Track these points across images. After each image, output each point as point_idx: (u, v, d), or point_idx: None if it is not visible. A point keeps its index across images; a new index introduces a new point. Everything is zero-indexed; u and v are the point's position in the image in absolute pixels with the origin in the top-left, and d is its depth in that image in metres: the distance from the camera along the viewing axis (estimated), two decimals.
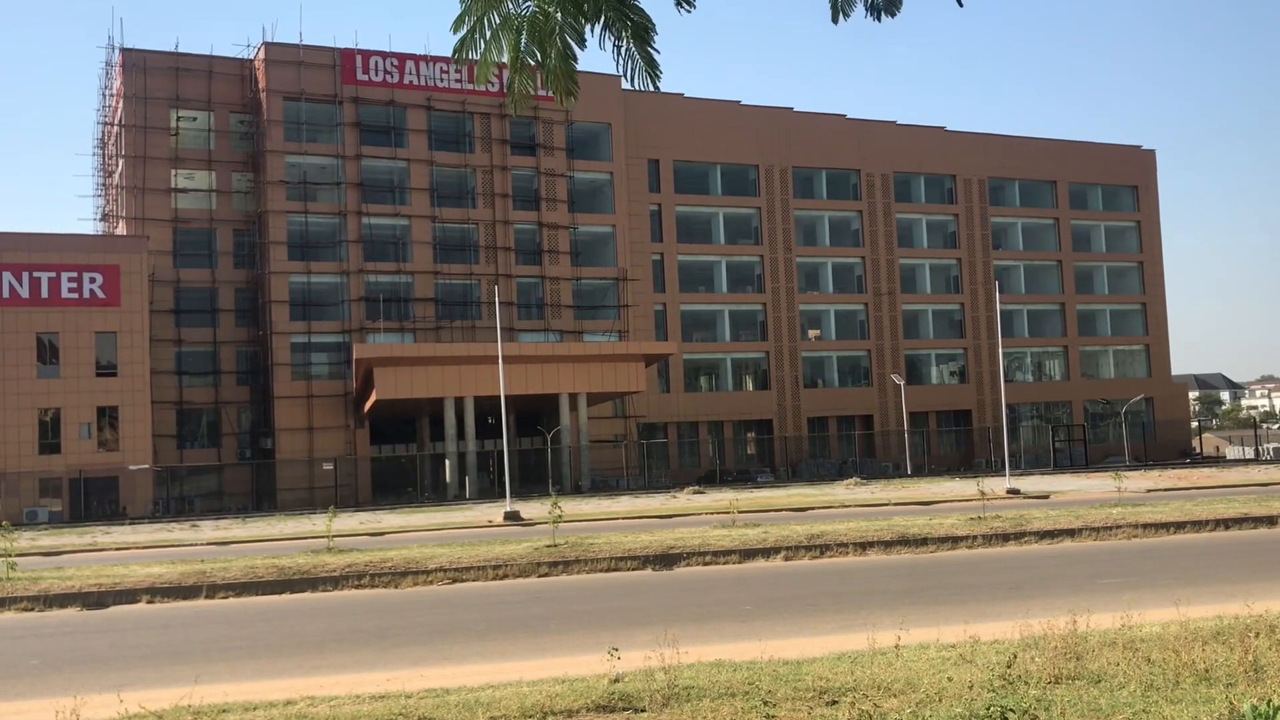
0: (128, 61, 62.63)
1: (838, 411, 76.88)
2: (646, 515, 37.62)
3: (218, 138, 64.43)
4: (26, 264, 55.22)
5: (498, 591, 19.84)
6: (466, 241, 67.65)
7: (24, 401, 54.59)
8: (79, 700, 9.45)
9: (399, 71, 66.17)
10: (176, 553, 30.14)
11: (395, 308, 65.30)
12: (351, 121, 64.94)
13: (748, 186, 76.64)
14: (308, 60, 64.29)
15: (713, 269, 75.67)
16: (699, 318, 75.81)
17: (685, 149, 73.91)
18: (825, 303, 78.11)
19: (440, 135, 67.36)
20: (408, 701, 9.76)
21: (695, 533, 25.30)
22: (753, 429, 75.35)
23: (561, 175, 69.66)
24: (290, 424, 61.73)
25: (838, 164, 78.59)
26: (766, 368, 75.58)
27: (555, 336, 67.63)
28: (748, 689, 9.59)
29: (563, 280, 69.28)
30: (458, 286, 67.26)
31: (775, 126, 76.54)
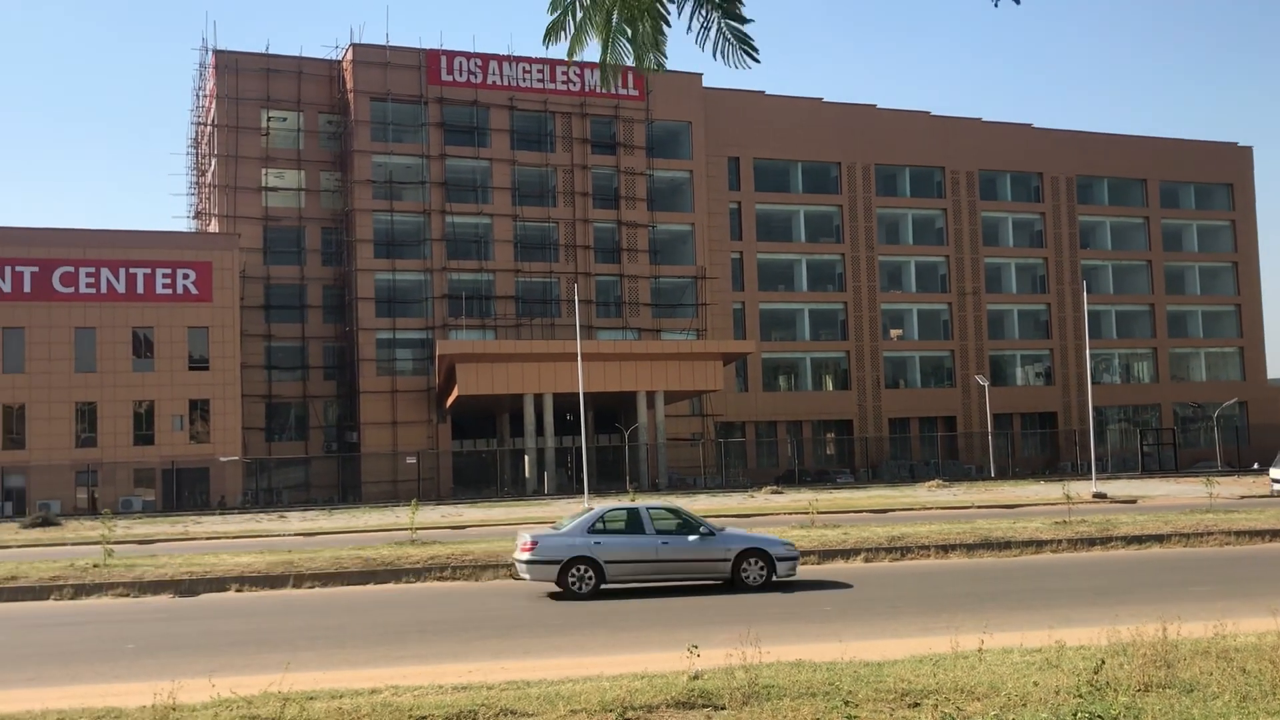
0: (220, 63, 64.28)
1: (919, 412, 75.96)
2: (724, 514, 37.50)
3: (307, 137, 65.83)
4: (124, 260, 57.01)
5: None
6: (547, 240, 68.21)
7: (120, 394, 56.38)
8: (175, 684, 9.75)
9: (482, 71, 66.94)
10: (265, 543, 30.86)
11: (477, 305, 66.10)
12: (436, 121, 65.87)
13: (829, 184, 76.06)
14: (394, 61, 65.37)
15: (793, 267, 75.24)
16: (778, 316, 75.43)
17: (766, 147, 73.60)
18: (908, 302, 77.19)
19: (522, 134, 68.01)
20: (489, 693, 9.89)
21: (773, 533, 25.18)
22: (832, 429, 74.80)
23: (641, 174, 69.85)
24: (375, 418, 62.86)
25: (921, 161, 77.61)
26: (847, 367, 74.95)
27: (633, 334, 67.85)
28: (828, 689, 9.55)
29: (641, 278, 69.47)
30: (538, 284, 67.87)
31: (857, 124, 75.85)
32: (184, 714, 9.17)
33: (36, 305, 55.50)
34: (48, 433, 55.30)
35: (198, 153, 71.32)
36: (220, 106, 64.05)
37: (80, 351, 56.26)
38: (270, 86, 64.67)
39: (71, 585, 20.34)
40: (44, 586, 20.39)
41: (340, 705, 9.52)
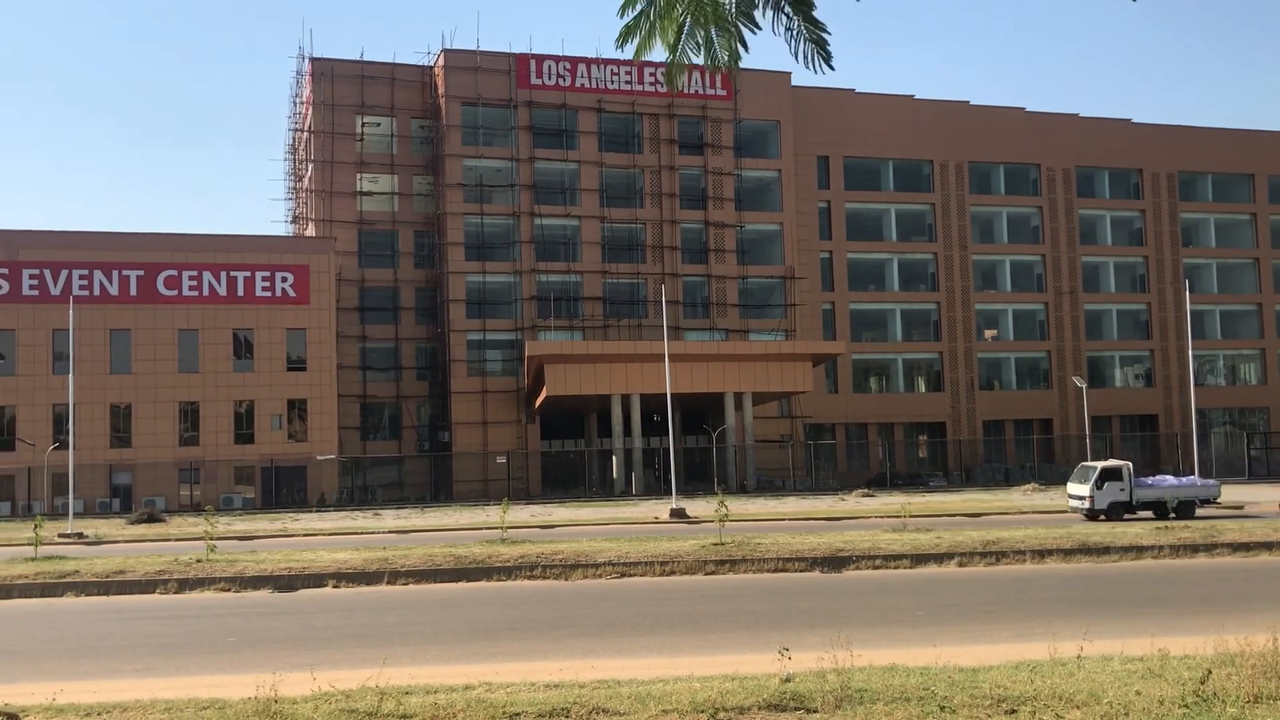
0: (316, 70, 65.77)
1: (1015, 415, 74.45)
2: (813, 517, 37.29)
3: (400, 142, 67.00)
4: (225, 264, 58.64)
5: (664, 587, 20.01)
6: (634, 241, 68.41)
7: (222, 394, 58.01)
8: (276, 677, 10.01)
9: (571, 75, 67.43)
10: (360, 540, 31.49)
11: (565, 306, 66.58)
12: (525, 125, 66.52)
13: (921, 182, 74.99)
14: (484, 66, 66.18)
15: (884, 267, 74.31)
16: (869, 317, 74.57)
17: (856, 145, 72.84)
18: (1003, 302, 75.71)
19: (610, 136, 68.32)
20: (580, 691, 9.96)
21: (865, 536, 24.94)
22: (924, 432, 73.72)
23: (729, 174, 69.66)
24: (466, 418, 63.72)
25: (1016, 158, 76.07)
26: (940, 368, 73.80)
27: (721, 335, 67.68)
28: (922, 694, 9.43)
29: (729, 279, 69.27)
30: (625, 285, 68.10)
31: (950, 121, 74.63)
32: (285, 706, 9.40)
33: (142, 308, 57.36)
34: (153, 431, 57.12)
35: (295, 159, 73.05)
36: (316, 113, 65.52)
37: (183, 353, 58.01)
38: (364, 93, 65.98)
39: (176, 579, 20.99)
40: (150, 580, 21.08)
41: (435, 700, 9.68)
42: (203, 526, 29.16)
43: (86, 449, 52.85)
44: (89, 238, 57.76)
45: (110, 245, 57.50)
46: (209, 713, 9.55)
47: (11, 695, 10.64)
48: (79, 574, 21.42)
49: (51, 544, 30.48)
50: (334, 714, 9.20)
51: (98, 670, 13.07)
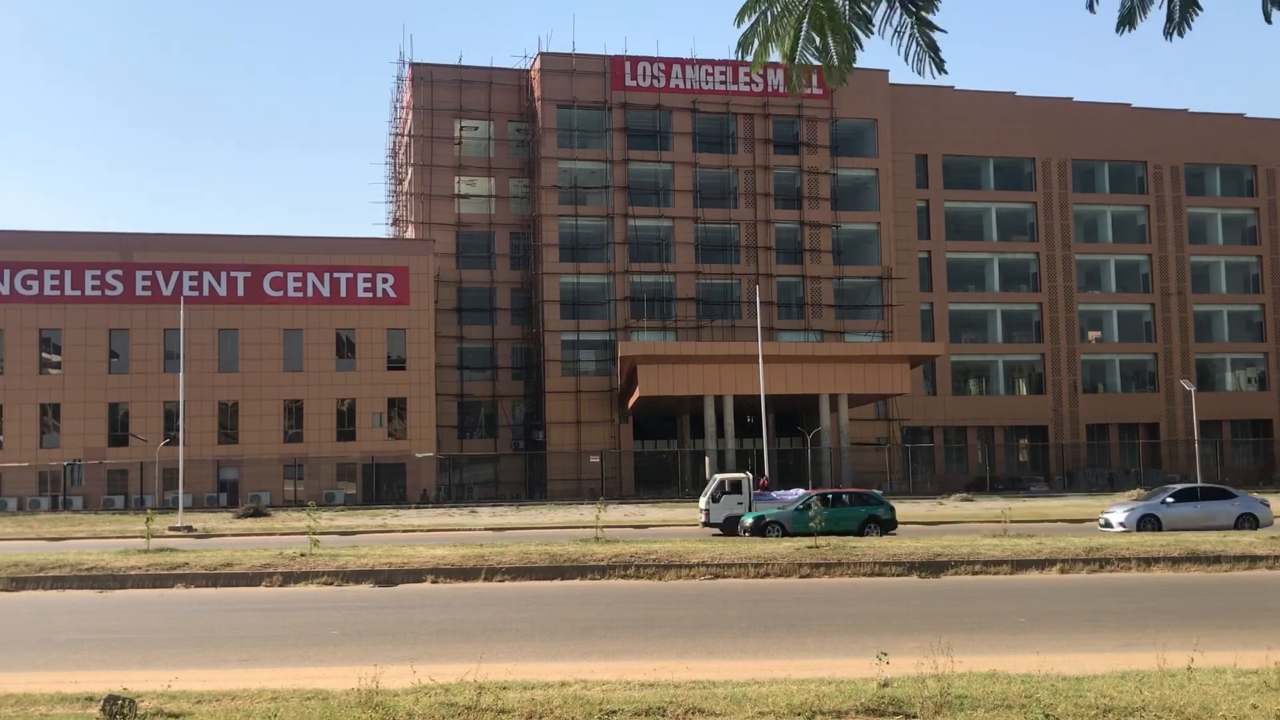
0: (416, 75, 67.00)
1: (1119, 418, 72.44)
2: (911, 521, 36.73)
3: (497, 145, 67.90)
4: (328, 266, 60.09)
5: (758, 589, 19.90)
6: (728, 241, 68.25)
7: (324, 392, 59.44)
8: (377, 669, 10.21)
9: (665, 76, 67.55)
10: (457, 536, 31.96)
11: (658, 307, 66.73)
12: (620, 126, 66.84)
13: (1023, 180, 73.43)
14: (579, 68, 66.68)
15: (984, 267, 72.93)
16: (968, 318, 73.25)
17: (955, 143, 71.64)
18: (1107, 302, 73.74)
19: (704, 137, 68.27)
20: (676, 691, 9.95)
21: (964, 540, 24.48)
22: (1026, 435, 72.15)
23: (825, 173, 69.07)
24: (560, 418, 64.27)
25: (1122, 155, 74.02)
26: (1042, 371, 72.15)
27: (816, 336, 67.13)
28: (1025, 702, 9.21)
29: (824, 279, 68.67)
30: (718, 286, 67.97)
31: (1053, 117, 72.94)
32: (386, 698, 9.58)
33: (249, 308, 59.08)
34: (259, 428, 58.78)
35: (395, 162, 74.53)
36: (416, 117, 66.75)
37: (288, 352, 59.61)
38: (463, 97, 67.00)
39: (280, 573, 21.54)
40: (256, 573, 21.67)
41: (532, 696, 9.77)
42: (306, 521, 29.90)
43: (195, 445, 54.56)
44: (198, 240, 59.69)
45: (219, 247, 59.33)
46: (313, 703, 9.78)
47: (126, 681, 11.05)
48: (189, 566, 22.12)
49: (162, 536, 31.55)
50: (433, 707, 9.34)
51: (206, 659, 13.49)
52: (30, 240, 58.09)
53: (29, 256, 57.48)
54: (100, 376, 57.77)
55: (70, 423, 57.41)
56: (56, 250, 57.88)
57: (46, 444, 57.26)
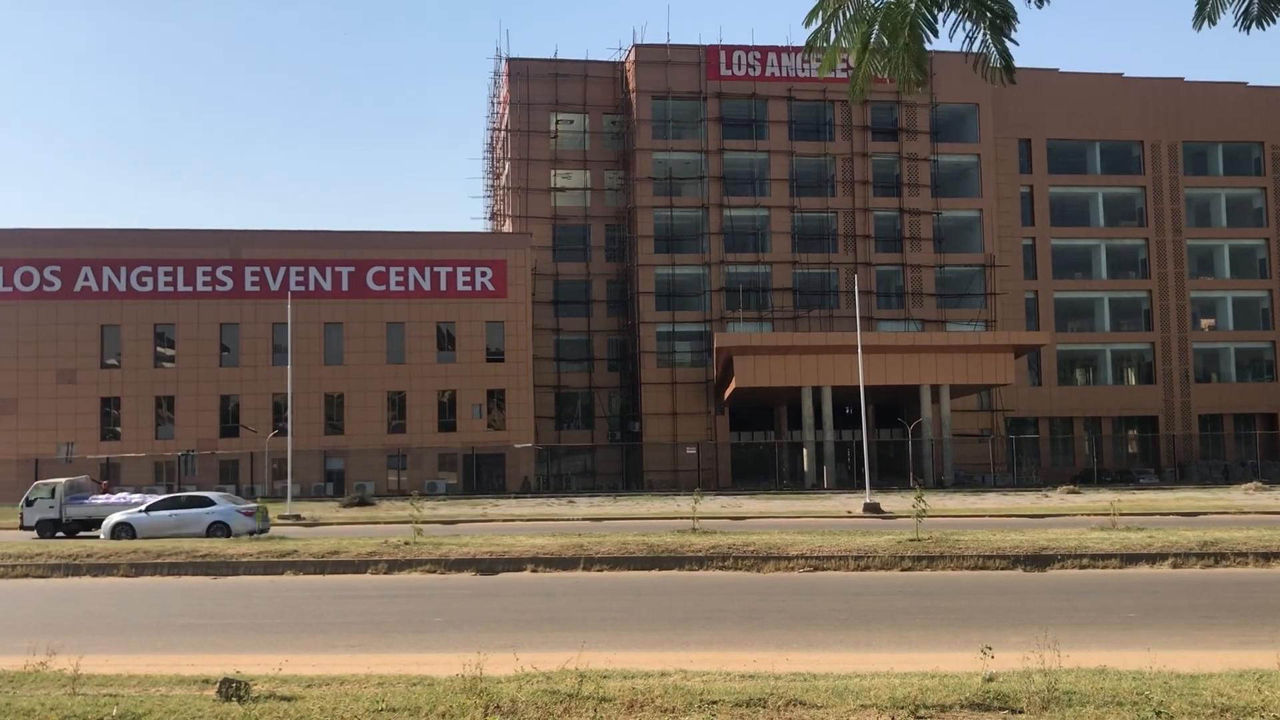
0: (513, 70, 67.67)
1: (1234, 409, 69.89)
2: (1015, 514, 35.98)
3: (592, 138, 68.25)
4: (428, 260, 61.15)
5: (858, 582, 19.69)
6: (825, 230, 67.57)
7: (426, 384, 60.53)
8: (481, 656, 10.37)
9: (760, 64, 67.09)
10: (555, 526, 32.27)
11: (754, 297, 66.40)
12: (715, 117, 66.62)
13: (1131, 164, 71.22)
14: (674, 59, 66.62)
15: (1090, 253, 70.96)
16: (1075, 306, 71.37)
17: (1060, 127, 69.80)
18: (1221, 289, 71.15)
19: (800, 125, 67.66)
20: (776, 683, 9.91)
21: (1070, 534, 23.87)
22: (1135, 426, 70.07)
23: (924, 159, 67.92)
24: (655, 409, 64.42)
25: (1237, 137, 71.29)
26: (1152, 360, 69.98)
27: (916, 326, 66.10)
28: (1136, 699, 8.95)
29: (924, 268, 67.55)
30: (815, 275, 67.34)
31: (1162, 99, 70.56)
32: (490, 685, 9.72)
33: (353, 302, 60.44)
34: (363, 419, 60.13)
35: (493, 157, 75.43)
36: (513, 112, 67.44)
37: (391, 345, 60.85)
38: (558, 90, 67.49)
39: (385, 561, 22.01)
40: (362, 561, 22.17)
41: (633, 685, 9.81)
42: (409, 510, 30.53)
43: (303, 436, 56.01)
44: (304, 236, 61.22)
45: (323, 243, 60.78)
46: (418, 689, 9.98)
47: (240, 664, 11.42)
48: (297, 554, 22.74)
49: (272, 525, 32.48)
50: (536, 694, 9.45)
51: (315, 645, 13.85)
52: (144, 238, 60.23)
53: (143, 254, 59.61)
54: (212, 370, 59.69)
55: (183, 415, 59.44)
56: (169, 248, 59.93)
57: (161, 435, 59.37)
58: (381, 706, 9.24)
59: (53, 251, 58.97)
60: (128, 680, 10.91)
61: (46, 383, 58.46)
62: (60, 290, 58.92)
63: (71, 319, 58.83)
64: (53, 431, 58.28)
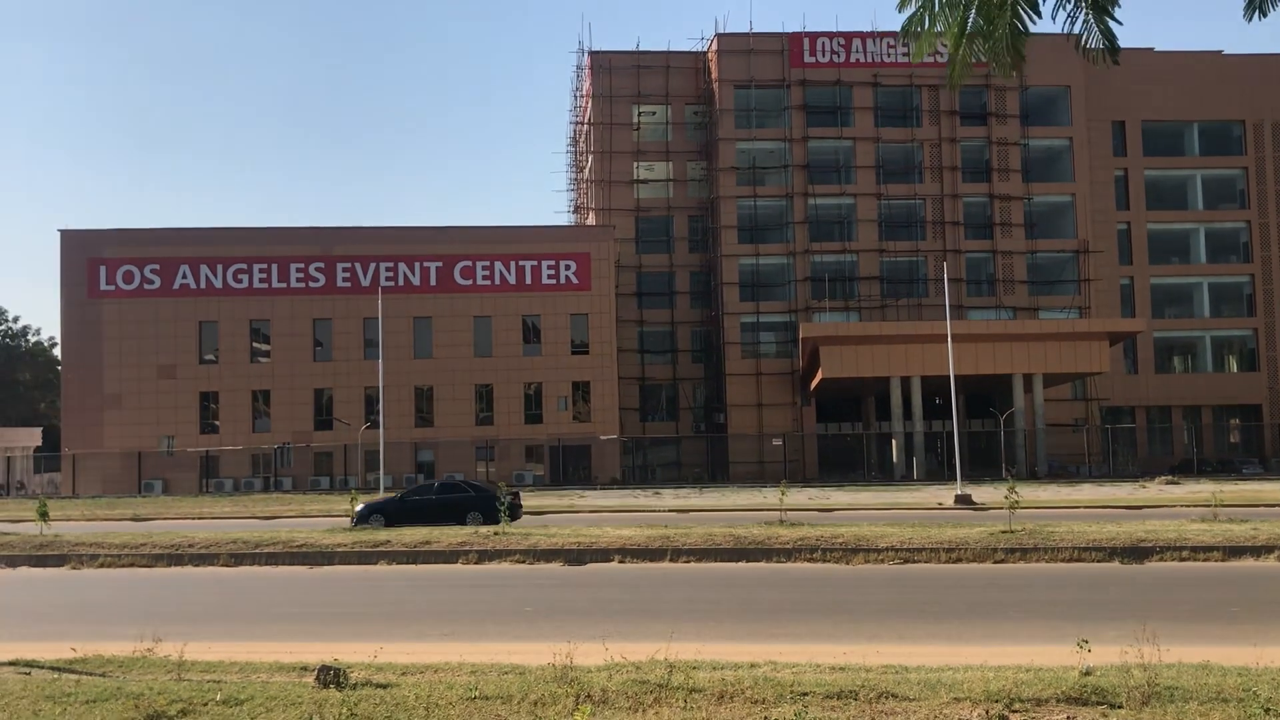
0: (595, 64, 67.90)
1: None
2: (1111, 505, 35.14)
3: (674, 129, 68.18)
4: (513, 254, 61.75)
5: (950, 575, 19.41)
6: (912, 217, 66.60)
7: (512, 376, 61.18)
8: (571, 646, 10.47)
9: (845, 51, 66.33)
10: (641, 517, 32.37)
11: (840, 287, 65.76)
12: (798, 104, 66.07)
13: (1231, 145, 68.89)
14: (757, 48, 66.20)
15: (1188, 237, 68.85)
16: (1172, 292, 69.33)
17: (1155, 108, 67.79)
18: None
19: (886, 111, 66.76)
20: (867, 675, 9.83)
21: (1169, 525, 23.24)
22: (1236, 415, 67.87)
23: (1015, 144, 66.54)
24: (741, 400, 64.21)
25: None
26: (1254, 346, 67.70)
27: (1008, 314, 64.86)
28: (1242, 695, 8.69)
29: (1016, 254, 66.23)
30: (903, 264, 66.45)
31: (1266, 76, 68.12)
32: (580, 674, 9.81)
33: (441, 297, 61.33)
34: (452, 412, 61.01)
35: (576, 150, 75.82)
36: (596, 105, 67.69)
37: (478, 338, 61.62)
38: (640, 82, 67.52)
39: (476, 550, 22.32)
40: (452, 551, 22.52)
41: (723, 676, 9.82)
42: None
43: (394, 428, 56.99)
44: (392, 233, 62.27)
45: (411, 239, 61.74)
46: (510, 677, 10.11)
47: (336, 652, 11.70)
48: (390, 544, 23.17)
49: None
50: (626, 684, 9.51)
51: (409, 633, 14.11)
52: (239, 236, 61.83)
53: (239, 252, 61.21)
54: (305, 364, 61.07)
55: (279, 408, 60.92)
56: (263, 245, 61.43)
57: (258, 428, 60.94)
58: (475, 694, 9.38)
59: (152, 250, 60.85)
60: (229, 667, 11.24)
61: (148, 378, 60.38)
62: (159, 288, 60.78)
63: (171, 315, 60.67)
64: (154, 425, 60.19)
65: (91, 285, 60.64)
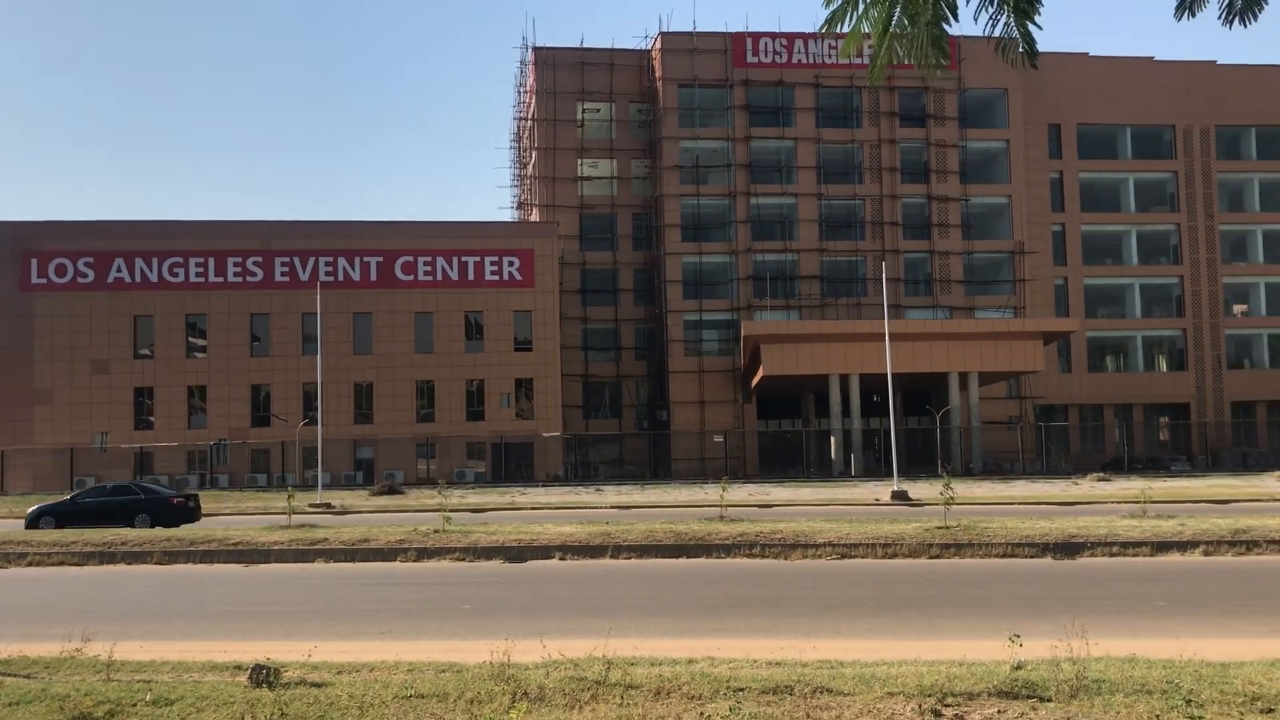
0: (539, 60, 67.70)
1: (1268, 395, 69.18)
2: (1044, 501, 35.81)
3: (619, 127, 68.19)
4: (456, 249, 61.38)
5: (886, 570, 19.66)
6: (852, 218, 67.26)
7: (454, 373, 60.82)
8: (509, 644, 10.44)
9: (787, 51, 66.78)
10: (583, 514, 32.35)
11: (781, 286, 66.23)
12: (741, 104, 66.40)
13: (1162, 149, 70.47)
14: (700, 47, 66.42)
15: (1121, 239, 70.33)
16: (1105, 292, 70.77)
17: (1090, 111, 69.10)
18: (1254, 274, 70.36)
19: (827, 112, 67.34)
20: (803, 670, 9.93)
21: (1100, 521, 23.73)
22: (1166, 413, 69.48)
23: (953, 145, 67.46)
24: (683, 397, 64.43)
25: (1271, 120, 70.38)
26: (1183, 346, 69.32)
27: (944, 313, 65.75)
28: (1166, 688, 8.91)
29: (953, 254, 67.16)
30: (843, 263, 67.09)
31: (1195, 82, 69.73)
32: (518, 671, 9.79)
33: (382, 292, 60.77)
34: (392, 409, 60.50)
35: (519, 146, 75.53)
36: (539, 101, 67.48)
37: (419, 334, 61.16)
38: (585, 79, 67.44)
39: (415, 549, 22.15)
40: (391, 549, 22.32)
41: (660, 672, 9.86)
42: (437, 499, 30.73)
43: (333, 425, 56.39)
44: (333, 227, 61.60)
45: (352, 234, 61.14)
46: (447, 675, 10.06)
47: (271, 651, 11.55)
48: (328, 542, 22.92)
49: (303, 513, 32.75)
50: (563, 681, 9.51)
51: (346, 632, 13.98)
52: (175, 230, 60.77)
53: (175, 245, 60.16)
54: (243, 360, 60.19)
55: (216, 404, 59.99)
56: (200, 239, 60.44)
57: (194, 425, 59.97)
58: (410, 693, 9.33)
59: (86, 243, 59.61)
60: (161, 666, 11.06)
61: (81, 373, 59.15)
62: (93, 282, 59.56)
63: (105, 310, 59.48)
64: (87, 421, 58.98)
65: (24, 279, 59.27)
